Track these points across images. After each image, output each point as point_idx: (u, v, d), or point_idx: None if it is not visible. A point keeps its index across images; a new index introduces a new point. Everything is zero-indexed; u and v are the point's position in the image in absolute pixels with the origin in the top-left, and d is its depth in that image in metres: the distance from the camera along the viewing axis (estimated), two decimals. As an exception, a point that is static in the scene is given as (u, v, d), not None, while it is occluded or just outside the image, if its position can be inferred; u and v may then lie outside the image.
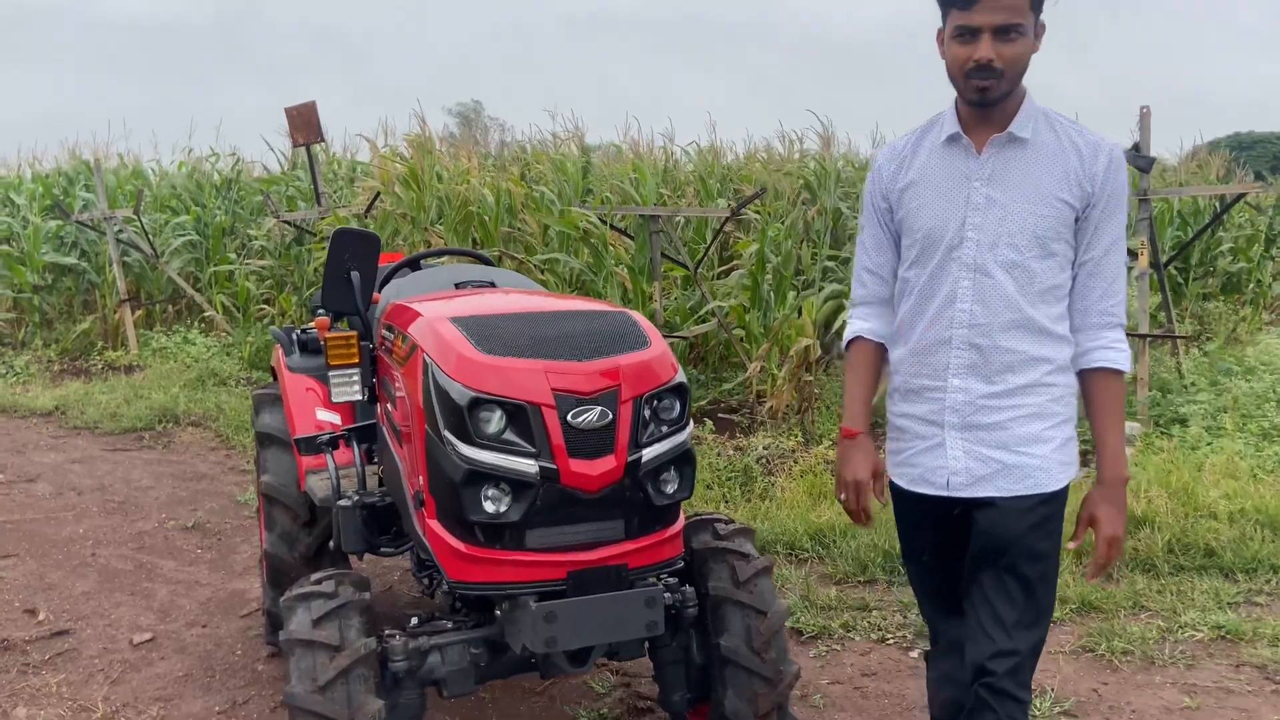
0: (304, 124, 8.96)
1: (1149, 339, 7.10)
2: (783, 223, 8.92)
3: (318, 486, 3.42)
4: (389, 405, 2.98)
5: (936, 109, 2.36)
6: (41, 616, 4.47)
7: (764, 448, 6.53)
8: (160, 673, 3.92)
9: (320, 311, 3.74)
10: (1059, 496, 2.21)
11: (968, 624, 2.25)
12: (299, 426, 3.71)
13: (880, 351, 2.45)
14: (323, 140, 8.74)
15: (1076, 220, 2.17)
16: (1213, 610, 4.05)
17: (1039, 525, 2.18)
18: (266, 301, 10.93)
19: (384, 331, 3.05)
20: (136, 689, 3.78)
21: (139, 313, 11.32)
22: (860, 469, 2.37)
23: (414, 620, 2.62)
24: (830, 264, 8.99)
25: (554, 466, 2.31)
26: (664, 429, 2.46)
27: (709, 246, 8.22)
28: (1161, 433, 6.51)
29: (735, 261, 9.31)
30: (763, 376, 7.55)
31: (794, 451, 6.53)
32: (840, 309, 8.05)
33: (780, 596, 2.86)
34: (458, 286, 3.26)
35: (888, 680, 3.58)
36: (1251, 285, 11.75)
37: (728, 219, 7.89)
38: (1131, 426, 6.27)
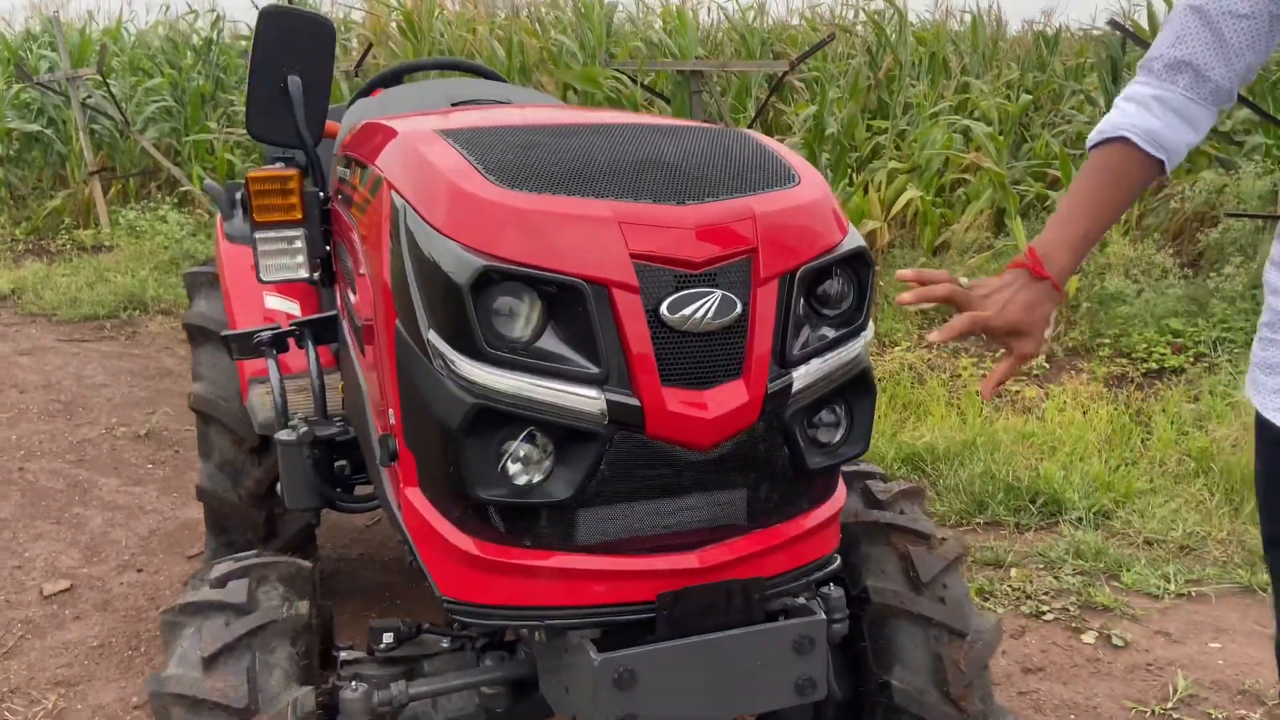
0: (284, -36, 7.65)
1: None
2: (840, 85, 7.66)
3: (259, 405, 2.39)
4: (349, 289, 1.91)
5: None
6: (-65, 555, 3.51)
7: (828, 349, 5.47)
8: (70, 640, 2.95)
9: (280, 164, 2.64)
10: None
11: None
12: (239, 318, 2.67)
13: (1152, 172, 1.40)
14: (305, -18, 7.46)
15: None
16: None
17: None
18: (251, 176, 9.77)
19: (340, 169, 1.96)
20: (34, 664, 2.83)
21: (114, 188, 10.20)
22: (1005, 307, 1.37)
23: (388, 637, 1.59)
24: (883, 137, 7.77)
25: (635, 402, 1.25)
26: (828, 333, 1.39)
27: (757, 114, 6.99)
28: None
29: (779, 137, 8.10)
30: (819, 265, 6.45)
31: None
32: (905, 188, 6.88)
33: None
34: (455, 106, 2.15)
35: (1062, 680, 2.58)
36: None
37: (786, 72, 6.65)
38: None
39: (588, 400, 1.24)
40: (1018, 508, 3.62)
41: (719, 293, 1.26)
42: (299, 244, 1.94)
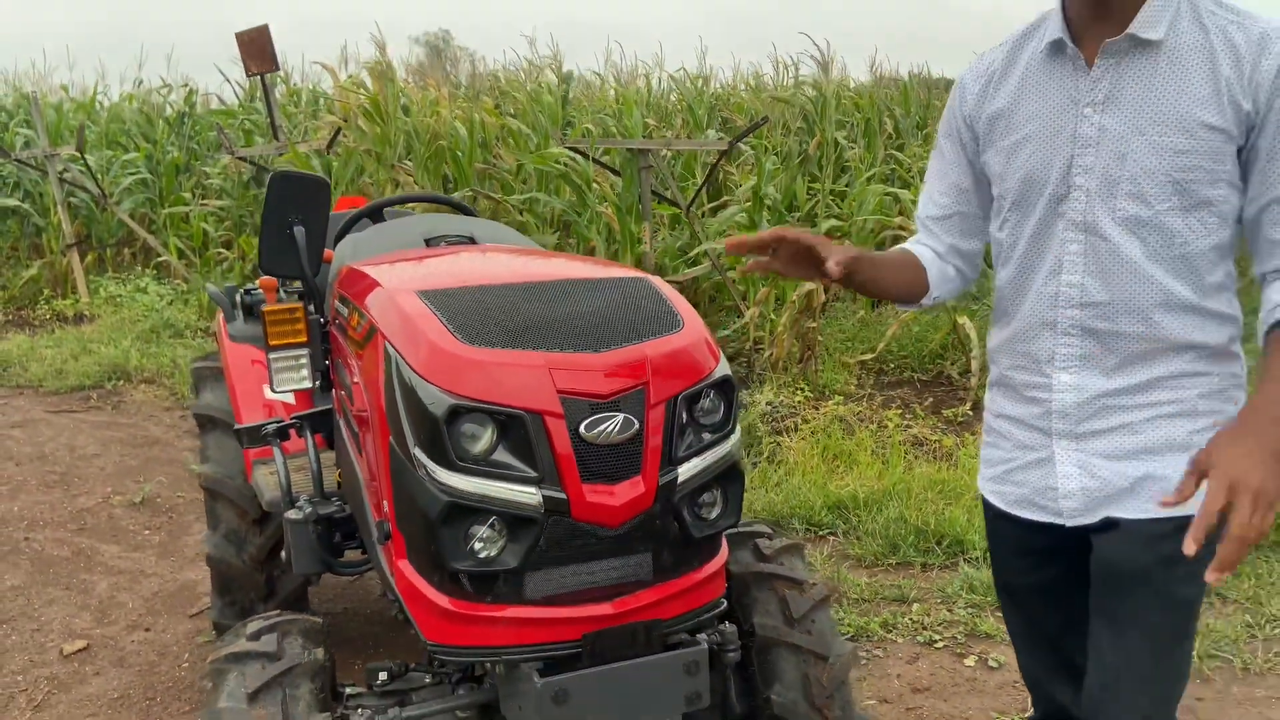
0: (257, 52, 8.16)
1: None
2: (778, 155, 8.28)
3: (265, 485, 2.85)
4: (344, 393, 2.39)
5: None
6: (-40, 621, 3.90)
7: (768, 404, 5.99)
8: (93, 693, 3.36)
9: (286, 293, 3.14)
10: None
11: (1086, 688, 1.72)
12: (244, 410, 3.12)
13: (915, 269, 1.88)
14: (277, 69, 7.96)
15: (1240, 152, 1.54)
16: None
17: (1177, 560, 1.45)
18: (225, 245, 10.20)
19: (337, 304, 2.45)
20: (63, 715, 3.24)
21: (89, 257, 10.57)
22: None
23: (382, 675, 2.06)
24: (830, 199, 8.39)
25: (563, 495, 1.74)
26: (705, 437, 1.89)
27: (703, 184, 7.57)
28: None
29: (726, 198, 8.69)
30: (761, 322, 6.99)
31: (800, 406, 6.00)
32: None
33: (840, 634, 2.32)
34: (428, 244, 2.65)
35: (944, 697, 3.08)
36: None
37: (725, 153, 7.24)
38: None
39: (529, 495, 1.73)
40: (926, 549, 4.12)
41: (621, 415, 1.76)
42: (304, 360, 2.43)
